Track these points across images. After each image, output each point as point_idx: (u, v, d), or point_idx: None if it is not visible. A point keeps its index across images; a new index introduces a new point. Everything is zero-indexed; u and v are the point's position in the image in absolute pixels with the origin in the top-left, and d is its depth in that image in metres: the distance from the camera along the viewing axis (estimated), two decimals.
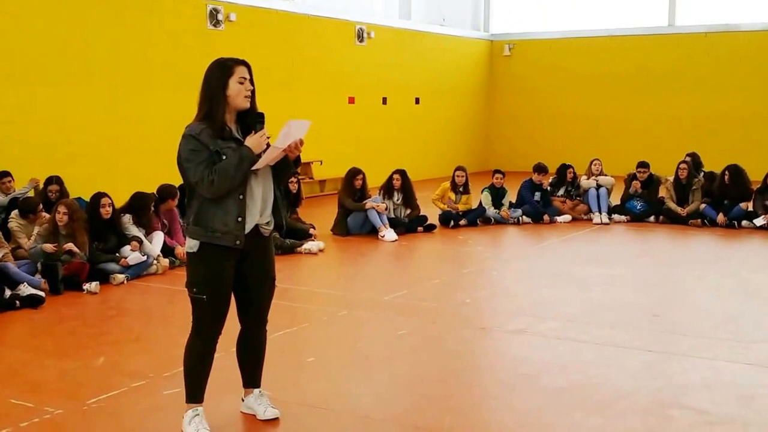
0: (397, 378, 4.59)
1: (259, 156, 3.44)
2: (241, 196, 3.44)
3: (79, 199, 8.85)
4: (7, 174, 8.85)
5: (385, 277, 7.73)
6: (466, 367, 4.88)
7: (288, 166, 3.59)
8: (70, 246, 6.69)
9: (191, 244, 3.51)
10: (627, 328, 5.56)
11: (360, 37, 14.58)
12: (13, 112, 9.25)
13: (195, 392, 3.65)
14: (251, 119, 3.51)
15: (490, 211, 10.45)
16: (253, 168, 3.44)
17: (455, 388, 4.44)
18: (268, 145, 3.50)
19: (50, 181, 8.54)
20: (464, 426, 3.89)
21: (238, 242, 3.46)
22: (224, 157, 3.38)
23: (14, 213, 7.44)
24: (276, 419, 3.82)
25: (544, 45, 17.90)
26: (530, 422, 3.92)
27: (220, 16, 11.63)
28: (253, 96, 3.51)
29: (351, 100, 14.60)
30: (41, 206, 7.69)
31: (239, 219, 3.45)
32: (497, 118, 18.58)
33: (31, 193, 8.81)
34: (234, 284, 3.61)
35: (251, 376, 3.85)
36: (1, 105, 9.14)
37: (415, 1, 16.52)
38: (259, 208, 3.53)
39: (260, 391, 3.87)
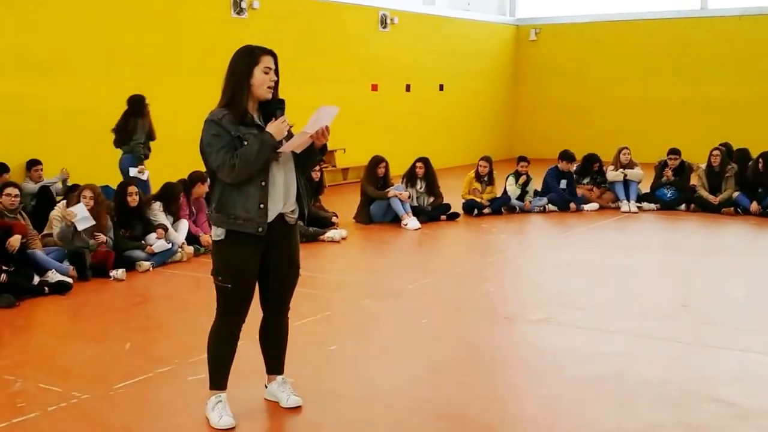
0: (420, 367, 4.57)
1: (280, 143, 3.43)
2: (263, 183, 3.43)
3: (106, 187, 8.94)
4: (37, 162, 8.96)
5: (408, 265, 7.71)
6: (490, 356, 4.85)
7: (314, 154, 3.56)
8: (100, 237, 6.75)
9: (217, 232, 3.51)
10: (655, 318, 5.48)
11: (383, 23, 14.49)
12: (41, 101, 9.34)
13: (218, 379, 3.67)
14: (272, 106, 3.50)
15: (515, 197, 10.34)
16: (280, 151, 3.43)
17: (479, 378, 4.42)
18: (290, 132, 3.48)
19: (82, 189, 8.33)
20: (488, 415, 3.86)
21: (260, 229, 3.44)
22: (246, 143, 3.38)
23: (62, 203, 7.45)
24: (299, 407, 3.83)
25: (572, 29, 17.65)
26: (555, 413, 3.89)
27: (243, 4, 11.62)
28: (276, 87, 3.49)
29: (374, 88, 14.54)
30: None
31: (261, 206, 3.43)
32: (523, 105, 18.39)
33: (60, 184, 8.91)
34: (260, 272, 3.60)
35: (274, 363, 3.86)
36: (31, 94, 9.23)
37: None
38: (282, 196, 3.51)
39: (283, 378, 3.88)
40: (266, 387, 3.92)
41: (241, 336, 3.69)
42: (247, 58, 3.45)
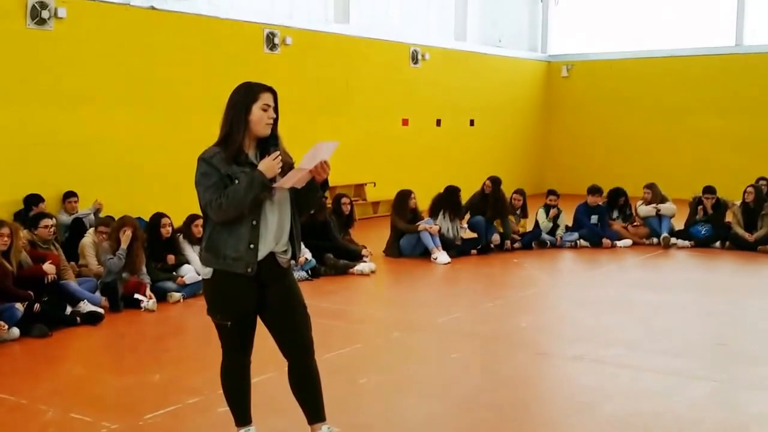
0: (450, 402, 4.50)
1: (273, 180, 3.32)
2: (254, 222, 3.31)
3: (139, 219, 9.08)
4: (73, 194, 9.13)
5: (439, 299, 7.65)
6: (523, 392, 4.76)
7: (314, 190, 3.40)
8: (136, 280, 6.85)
9: (205, 271, 3.41)
10: (690, 357, 5.36)
11: (414, 59, 14.64)
12: (76, 134, 9.56)
13: (239, 415, 3.61)
14: (266, 142, 3.40)
15: (546, 232, 10.25)
16: (276, 186, 3.32)
17: (510, 414, 4.34)
18: (286, 167, 3.36)
19: (123, 223, 8.14)
20: None
21: (249, 269, 3.32)
22: (236, 182, 3.27)
23: (91, 230, 7.56)
24: None
25: (604, 66, 17.63)
26: None
27: (276, 40, 11.83)
28: (274, 124, 3.40)
29: (405, 122, 14.63)
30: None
31: (251, 246, 3.31)
32: (554, 141, 18.33)
33: (93, 216, 9.04)
34: (265, 319, 3.49)
35: (312, 410, 3.58)
36: (65, 127, 9.46)
37: (471, 22, 16.52)
38: (273, 235, 3.37)
39: (329, 428, 3.58)
40: None
41: (269, 368, 3.67)
42: (245, 95, 3.37)
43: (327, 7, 13.38)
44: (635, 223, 10.73)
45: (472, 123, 16.23)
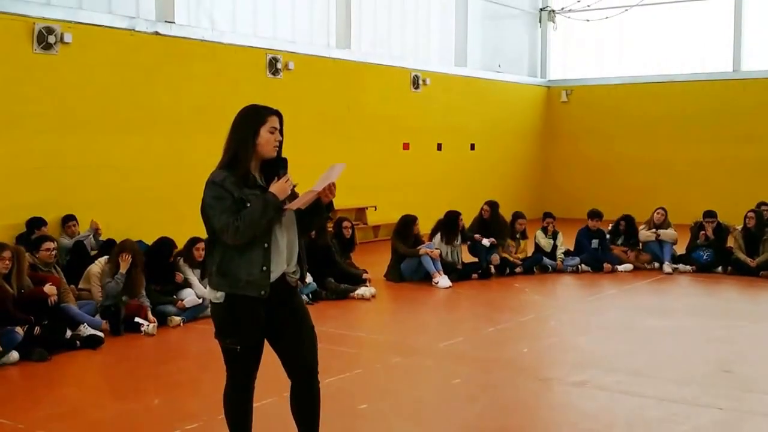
0: (452, 428, 4.46)
1: (284, 202, 3.34)
2: (266, 245, 3.33)
3: (139, 242, 9.07)
4: (72, 218, 9.12)
5: (439, 324, 7.62)
6: (525, 419, 4.72)
7: (321, 210, 3.46)
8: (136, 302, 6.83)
9: (217, 295, 3.39)
10: (695, 384, 5.31)
11: (415, 84, 14.73)
12: (80, 157, 9.58)
13: None
14: (275, 165, 3.42)
15: (548, 250, 10.24)
16: (286, 207, 3.34)
17: None
18: (294, 191, 3.40)
19: (123, 247, 8.08)
20: None
21: (263, 292, 3.32)
22: (248, 205, 3.28)
23: (102, 259, 7.47)
24: None
25: (603, 91, 17.73)
26: None
27: (278, 65, 11.91)
28: (280, 147, 3.43)
29: (406, 146, 14.68)
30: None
31: (264, 268, 3.32)
32: (554, 165, 18.39)
33: (92, 238, 9.02)
34: (271, 339, 3.48)
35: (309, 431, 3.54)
36: (69, 151, 9.48)
37: (471, 47, 16.65)
38: (284, 257, 3.40)
39: None
40: None
41: (271, 393, 3.64)
42: (254, 117, 3.40)
43: (329, 32, 13.49)
44: (637, 249, 10.65)
45: (472, 147, 16.29)
